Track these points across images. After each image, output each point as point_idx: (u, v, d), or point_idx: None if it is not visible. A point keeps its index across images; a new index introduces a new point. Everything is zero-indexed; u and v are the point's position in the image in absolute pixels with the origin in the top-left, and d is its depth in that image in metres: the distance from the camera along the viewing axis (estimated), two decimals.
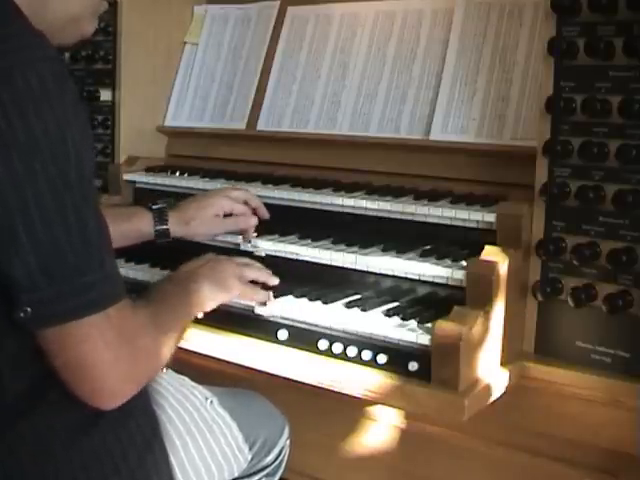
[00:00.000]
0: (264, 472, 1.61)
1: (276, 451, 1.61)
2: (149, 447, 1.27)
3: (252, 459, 1.54)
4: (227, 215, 1.85)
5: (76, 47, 2.37)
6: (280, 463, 1.65)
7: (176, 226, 1.80)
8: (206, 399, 1.50)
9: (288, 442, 1.66)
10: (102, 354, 1.10)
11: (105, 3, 1.34)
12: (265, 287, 1.64)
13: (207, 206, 1.83)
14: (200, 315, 1.48)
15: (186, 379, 1.53)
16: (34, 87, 1.04)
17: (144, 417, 1.27)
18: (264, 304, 1.64)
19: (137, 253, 1.91)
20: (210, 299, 1.46)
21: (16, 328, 1.09)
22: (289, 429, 1.66)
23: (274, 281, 1.65)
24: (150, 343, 1.20)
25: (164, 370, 1.47)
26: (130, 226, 1.78)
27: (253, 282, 1.62)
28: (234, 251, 1.86)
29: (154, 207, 1.81)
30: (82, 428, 1.19)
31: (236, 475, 1.51)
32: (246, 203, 1.87)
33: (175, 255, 1.97)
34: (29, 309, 1.06)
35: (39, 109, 1.04)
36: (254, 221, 1.84)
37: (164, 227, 1.79)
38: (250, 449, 1.52)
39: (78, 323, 1.08)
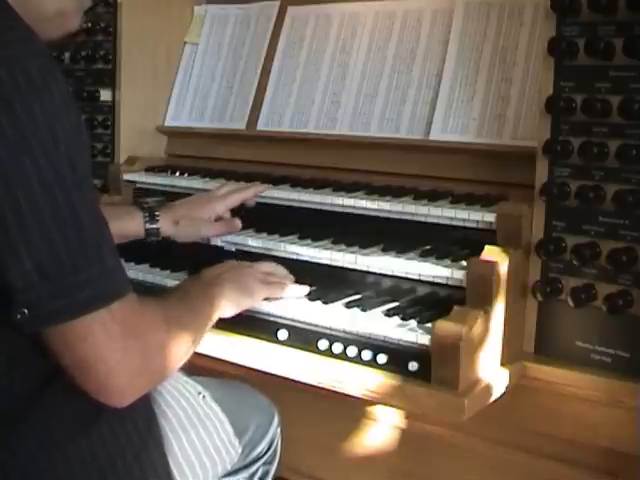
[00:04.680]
0: (260, 461, 1.61)
1: (268, 439, 1.61)
2: (145, 445, 1.27)
3: (244, 450, 1.54)
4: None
5: (76, 47, 2.38)
6: (274, 451, 1.65)
7: (166, 226, 1.82)
8: (199, 394, 1.50)
9: (279, 430, 1.66)
10: (107, 350, 1.09)
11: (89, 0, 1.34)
12: None
13: (200, 209, 1.86)
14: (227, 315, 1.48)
15: (178, 373, 1.52)
16: (20, 82, 1.02)
17: (141, 416, 1.27)
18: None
19: (137, 253, 1.91)
20: (232, 303, 1.47)
21: (13, 330, 1.07)
22: (278, 417, 1.66)
23: (303, 290, 1.67)
24: (161, 337, 1.18)
25: None
26: (120, 225, 1.76)
27: None
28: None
29: (145, 206, 1.84)
30: (81, 429, 1.18)
31: (229, 468, 1.51)
32: (242, 204, 1.90)
33: (175, 255, 1.98)
34: (25, 310, 1.04)
35: (26, 103, 1.02)
36: (239, 226, 1.86)
37: (154, 226, 1.81)
38: (241, 441, 1.52)
39: (78, 321, 1.06)
